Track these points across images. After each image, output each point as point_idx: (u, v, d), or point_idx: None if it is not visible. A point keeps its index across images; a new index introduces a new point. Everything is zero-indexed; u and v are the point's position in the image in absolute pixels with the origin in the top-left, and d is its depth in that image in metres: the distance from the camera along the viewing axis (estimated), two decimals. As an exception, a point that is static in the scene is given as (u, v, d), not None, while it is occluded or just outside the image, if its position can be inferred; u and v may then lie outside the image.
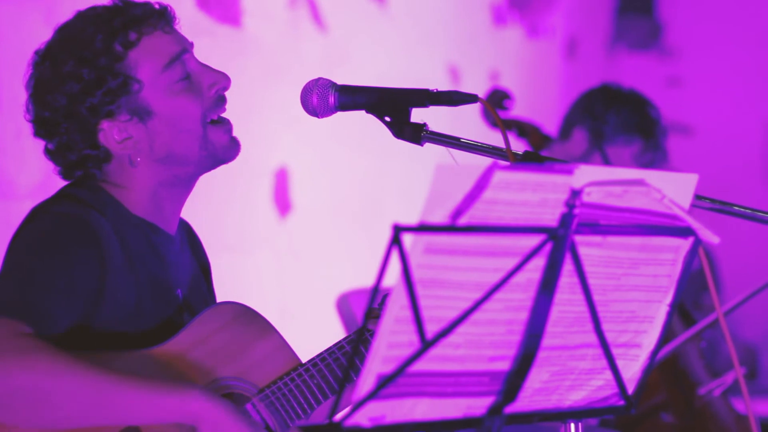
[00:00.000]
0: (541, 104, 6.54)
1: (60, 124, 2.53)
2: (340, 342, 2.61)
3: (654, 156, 4.00)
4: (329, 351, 2.59)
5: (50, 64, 2.54)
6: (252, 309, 2.57)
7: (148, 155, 2.55)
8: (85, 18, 2.55)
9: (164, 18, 2.57)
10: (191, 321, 2.51)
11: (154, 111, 2.53)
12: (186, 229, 2.75)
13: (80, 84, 2.50)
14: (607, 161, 3.95)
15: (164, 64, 2.53)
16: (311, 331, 4.07)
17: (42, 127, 2.56)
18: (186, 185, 2.62)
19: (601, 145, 3.97)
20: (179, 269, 2.64)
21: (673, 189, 1.99)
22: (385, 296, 2.13)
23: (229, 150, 2.59)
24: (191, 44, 2.60)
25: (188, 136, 2.55)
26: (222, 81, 2.58)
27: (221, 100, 2.59)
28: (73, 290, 2.40)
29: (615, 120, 3.98)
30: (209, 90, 2.57)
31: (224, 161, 2.60)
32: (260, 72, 4.88)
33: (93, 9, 2.56)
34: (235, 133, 2.61)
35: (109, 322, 2.45)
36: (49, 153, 2.57)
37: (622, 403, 2.12)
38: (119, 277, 2.46)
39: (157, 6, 2.57)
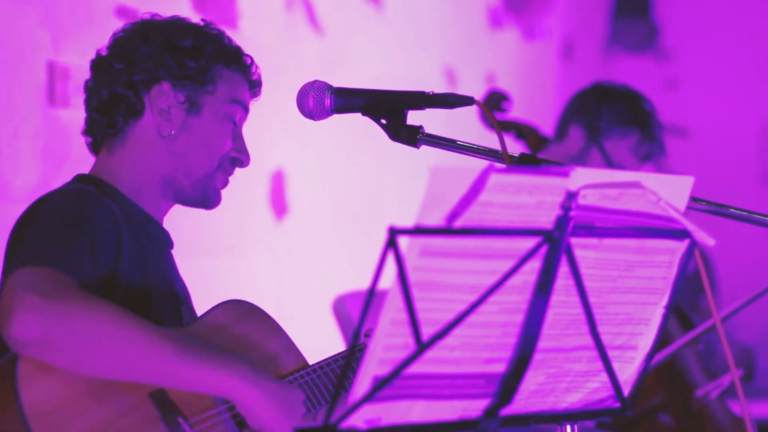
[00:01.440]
0: (537, 107, 6.53)
1: (139, 49, 2.62)
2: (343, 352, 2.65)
3: (651, 148, 4.00)
4: (334, 358, 2.63)
5: (175, 21, 2.68)
6: (262, 309, 2.62)
7: (169, 143, 2.63)
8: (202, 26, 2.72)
9: (257, 86, 2.75)
10: (206, 311, 2.55)
11: (201, 116, 2.65)
12: None
13: (178, 46, 2.63)
14: (605, 156, 3.95)
15: (236, 99, 2.68)
16: (308, 334, 4.06)
17: (123, 44, 2.65)
18: (170, 199, 2.69)
19: (598, 140, 3.97)
20: (173, 264, 2.71)
21: (669, 191, 1.99)
22: (370, 330, 2.10)
23: (214, 195, 2.70)
24: (247, 114, 2.74)
25: (205, 157, 2.65)
26: (245, 158, 2.71)
27: (234, 164, 2.71)
28: (98, 246, 2.42)
29: (609, 114, 3.98)
30: (232, 152, 2.69)
31: (205, 202, 2.69)
32: (257, 74, 4.87)
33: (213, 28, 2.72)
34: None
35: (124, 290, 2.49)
36: (101, 64, 2.65)
37: (617, 405, 2.12)
38: (126, 249, 2.50)
39: (256, 76, 2.73)
